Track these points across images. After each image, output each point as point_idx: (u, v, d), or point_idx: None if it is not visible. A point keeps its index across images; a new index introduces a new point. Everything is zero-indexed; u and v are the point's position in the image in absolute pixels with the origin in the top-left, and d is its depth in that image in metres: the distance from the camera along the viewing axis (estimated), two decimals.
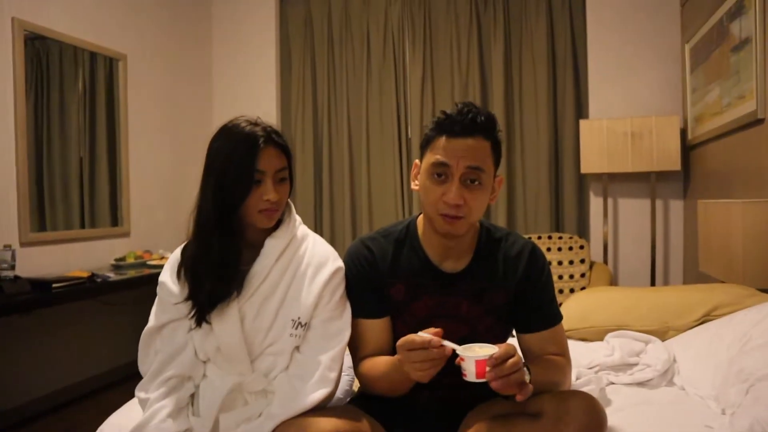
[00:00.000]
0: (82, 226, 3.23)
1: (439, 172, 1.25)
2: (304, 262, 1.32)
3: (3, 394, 2.69)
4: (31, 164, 2.88)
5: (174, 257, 1.37)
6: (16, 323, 2.69)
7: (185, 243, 1.35)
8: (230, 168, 1.23)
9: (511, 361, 1.07)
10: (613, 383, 1.70)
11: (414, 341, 1.09)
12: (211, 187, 1.25)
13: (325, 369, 1.27)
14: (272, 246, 1.30)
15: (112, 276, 2.89)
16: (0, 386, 2.68)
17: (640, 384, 1.68)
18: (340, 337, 1.31)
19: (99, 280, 2.79)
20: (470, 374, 1.08)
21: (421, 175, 1.32)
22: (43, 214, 3.00)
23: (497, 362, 1.06)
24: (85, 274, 2.75)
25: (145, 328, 1.35)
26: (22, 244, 2.77)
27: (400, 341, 1.13)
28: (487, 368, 1.06)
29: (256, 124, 1.28)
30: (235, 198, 1.24)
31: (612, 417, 1.24)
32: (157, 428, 1.22)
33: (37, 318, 2.76)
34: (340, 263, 1.35)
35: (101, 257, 3.24)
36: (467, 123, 1.24)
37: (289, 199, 1.36)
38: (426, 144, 1.31)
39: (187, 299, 1.28)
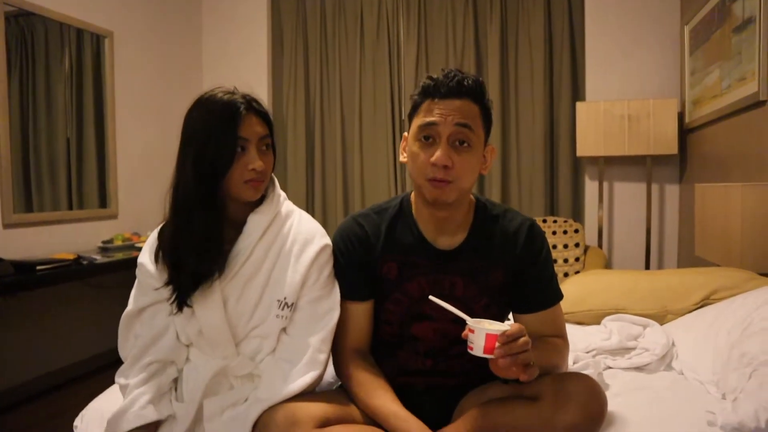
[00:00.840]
0: (70, 208, 3.16)
1: (426, 134, 1.20)
2: (290, 240, 1.26)
3: None
4: (17, 144, 2.81)
5: (152, 239, 1.30)
6: (0, 306, 2.62)
7: (162, 224, 1.29)
8: (211, 137, 1.17)
9: (522, 339, 1.04)
10: (610, 367, 1.66)
11: None
12: (190, 159, 1.18)
13: (314, 351, 1.23)
14: (256, 222, 1.25)
15: (99, 258, 2.83)
16: None
17: (638, 368, 1.65)
18: (329, 317, 1.26)
19: (85, 262, 2.73)
20: (477, 348, 1.04)
21: (408, 142, 1.27)
22: (29, 195, 2.92)
23: (509, 339, 1.02)
24: (71, 257, 2.69)
25: (125, 311, 1.29)
26: (6, 226, 2.70)
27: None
28: (497, 344, 1.02)
29: (233, 93, 1.22)
30: (218, 169, 1.17)
31: (610, 401, 1.21)
32: (136, 415, 1.17)
33: (21, 301, 2.70)
34: (327, 240, 1.30)
35: (88, 239, 3.17)
36: (453, 85, 1.19)
37: (272, 174, 1.30)
38: (413, 111, 1.26)
39: (167, 284, 1.22)
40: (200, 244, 1.19)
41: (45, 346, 2.96)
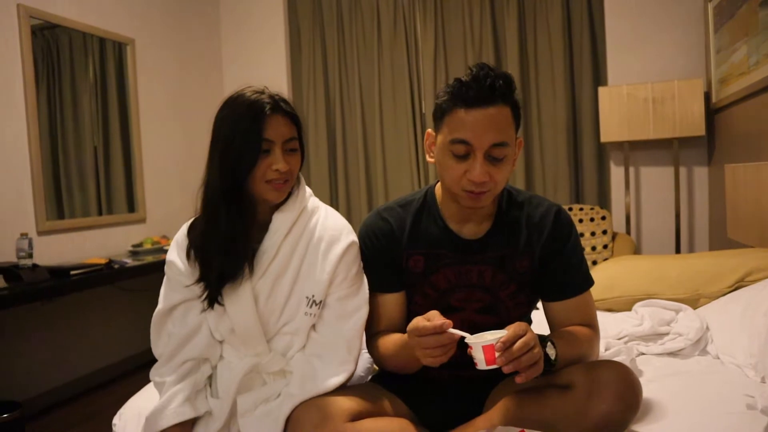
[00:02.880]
0: (99, 213, 3.23)
1: (459, 152, 1.16)
2: (316, 236, 1.26)
3: (26, 383, 2.71)
4: (47, 154, 2.88)
5: (180, 235, 1.32)
6: (37, 311, 2.70)
7: (192, 220, 1.31)
8: (236, 137, 1.17)
9: (519, 342, 1.01)
10: (643, 354, 1.64)
11: (425, 327, 1.04)
12: (217, 158, 1.20)
13: (344, 352, 1.23)
14: (280, 220, 1.24)
15: (130, 262, 2.88)
16: (23, 374, 2.70)
17: (672, 354, 1.63)
18: (358, 315, 1.26)
19: (116, 266, 2.79)
20: (480, 362, 1.03)
21: (437, 150, 1.22)
22: (60, 202, 2.99)
23: (506, 345, 1.01)
24: (102, 261, 2.75)
25: (156, 310, 1.31)
26: (39, 233, 2.77)
27: (410, 326, 1.08)
28: (497, 353, 1.01)
29: (262, 92, 1.22)
30: (242, 168, 1.18)
31: (645, 388, 1.19)
32: (174, 412, 1.19)
33: (56, 305, 2.77)
34: (353, 237, 1.29)
35: (118, 244, 3.24)
36: (485, 91, 1.13)
37: (299, 173, 1.30)
38: (441, 115, 1.20)
39: (198, 280, 1.24)
40: (225, 242, 1.21)
41: (80, 348, 3.04)
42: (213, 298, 1.23)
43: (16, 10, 2.69)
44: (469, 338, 1.04)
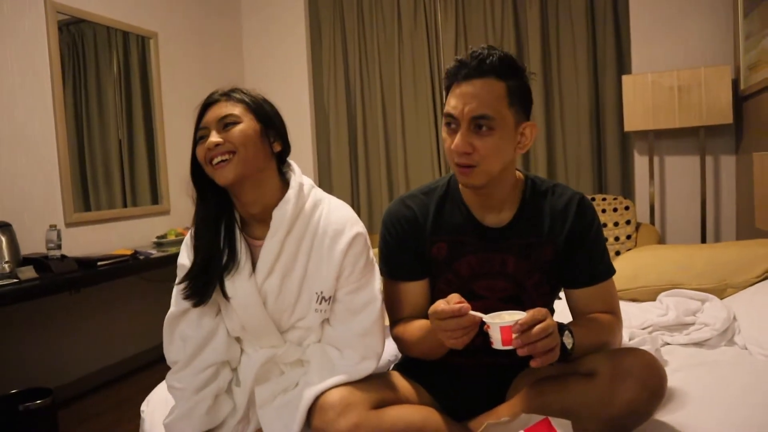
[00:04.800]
0: (125, 205, 3.28)
1: (448, 122, 1.21)
2: (320, 231, 1.23)
3: (56, 371, 2.78)
4: (73, 147, 2.93)
5: (189, 236, 1.32)
6: (65, 301, 2.76)
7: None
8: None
9: (538, 327, 1.01)
10: (668, 344, 1.63)
11: (444, 311, 1.05)
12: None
13: (360, 345, 1.23)
14: (279, 217, 1.21)
15: (155, 253, 2.93)
16: (52, 363, 2.77)
17: (698, 344, 1.61)
18: (370, 309, 1.24)
19: (141, 257, 2.84)
20: (497, 341, 1.04)
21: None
22: (87, 195, 3.05)
23: (523, 328, 1.01)
24: (128, 252, 2.80)
25: (168, 313, 1.30)
26: (68, 225, 2.83)
27: (431, 310, 1.09)
28: (513, 335, 1.01)
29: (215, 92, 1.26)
30: (193, 161, 1.25)
31: (670, 377, 1.18)
32: (196, 424, 1.21)
33: (84, 296, 2.83)
34: (359, 228, 1.25)
35: (143, 235, 3.29)
36: (475, 65, 1.17)
37: (292, 162, 1.30)
38: (446, 95, 1.26)
39: (189, 269, 1.25)
40: (199, 234, 1.26)
41: (108, 338, 3.10)
42: (202, 289, 1.23)
43: (44, 5, 2.74)
44: (487, 318, 1.05)
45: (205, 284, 1.23)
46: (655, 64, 3.40)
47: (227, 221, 1.26)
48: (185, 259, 1.29)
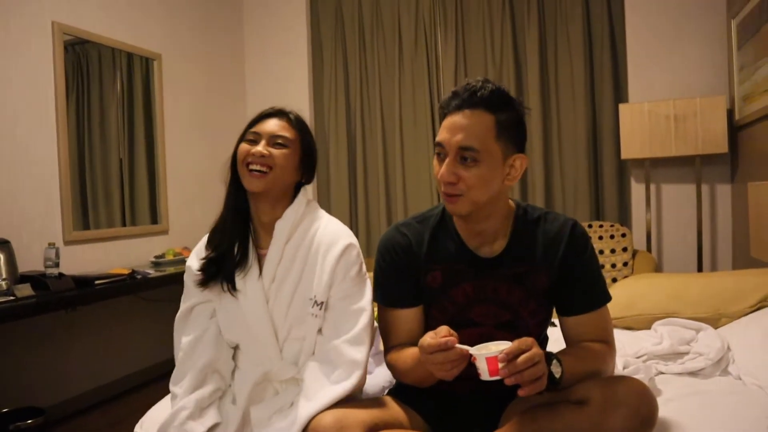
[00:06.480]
0: (123, 225, 3.29)
1: (439, 152, 1.24)
2: (316, 242, 1.34)
3: (50, 389, 2.76)
4: (74, 166, 2.95)
5: (200, 245, 1.42)
6: (62, 319, 2.75)
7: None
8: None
9: (524, 356, 1.02)
10: (662, 373, 1.63)
11: (431, 345, 1.07)
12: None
13: (350, 352, 1.26)
14: (281, 228, 1.34)
15: (152, 273, 2.93)
16: (47, 381, 2.75)
17: (692, 373, 1.61)
18: (362, 318, 1.29)
19: (139, 276, 2.84)
20: (484, 372, 1.05)
21: None
22: (86, 213, 3.06)
23: (508, 358, 1.02)
24: (125, 271, 2.80)
25: (177, 314, 1.40)
26: (66, 243, 2.84)
27: (419, 343, 1.11)
28: (500, 365, 1.02)
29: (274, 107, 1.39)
30: (234, 152, 1.34)
31: (663, 407, 1.18)
32: (178, 429, 1.23)
33: (81, 314, 2.82)
34: (352, 240, 1.35)
35: (141, 255, 3.29)
36: (466, 97, 1.20)
37: (303, 187, 1.42)
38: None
39: (206, 259, 1.34)
40: (222, 224, 1.37)
41: (103, 357, 3.08)
42: (215, 267, 1.33)
43: (51, 27, 2.79)
44: (473, 350, 1.06)
45: (219, 264, 1.34)
46: (651, 94, 3.45)
47: (245, 224, 1.37)
48: (194, 262, 1.39)
